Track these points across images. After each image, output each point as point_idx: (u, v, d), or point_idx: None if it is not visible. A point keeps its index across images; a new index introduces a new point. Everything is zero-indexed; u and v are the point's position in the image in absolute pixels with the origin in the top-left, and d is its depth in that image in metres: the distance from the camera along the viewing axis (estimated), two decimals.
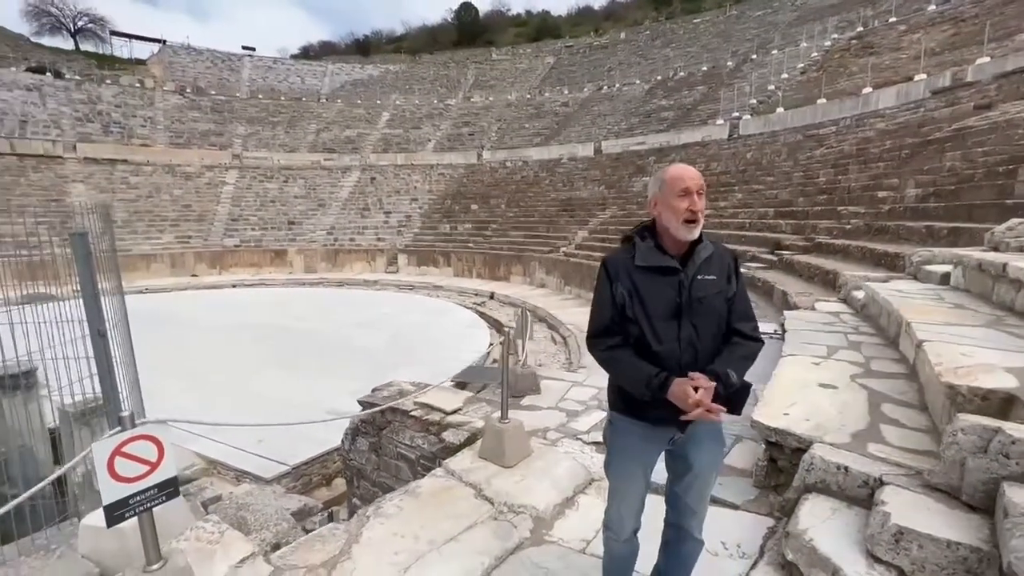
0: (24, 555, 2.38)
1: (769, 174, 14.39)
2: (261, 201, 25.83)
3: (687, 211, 1.43)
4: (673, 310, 1.46)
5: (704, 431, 1.57)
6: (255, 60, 42.94)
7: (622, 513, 1.62)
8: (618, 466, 1.62)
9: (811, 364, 3.15)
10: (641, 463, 1.59)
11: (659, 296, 1.47)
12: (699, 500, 1.62)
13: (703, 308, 1.47)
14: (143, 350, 10.88)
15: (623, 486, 1.62)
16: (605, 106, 30.21)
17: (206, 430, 6.29)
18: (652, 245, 1.51)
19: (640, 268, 1.49)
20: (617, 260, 1.53)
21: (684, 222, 1.44)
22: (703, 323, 1.48)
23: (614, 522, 1.64)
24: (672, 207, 1.45)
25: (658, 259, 1.48)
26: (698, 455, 1.58)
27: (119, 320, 2.80)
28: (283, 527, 2.51)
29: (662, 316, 1.46)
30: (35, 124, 25.62)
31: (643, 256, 1.49)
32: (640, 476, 1.60)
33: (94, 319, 1.99)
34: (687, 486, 1.61)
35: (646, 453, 1.59)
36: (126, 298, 14.18)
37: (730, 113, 21.06)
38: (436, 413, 3.76)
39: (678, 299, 1.46)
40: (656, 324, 1.46)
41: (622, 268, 1.51)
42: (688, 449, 1.58)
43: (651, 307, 1.46)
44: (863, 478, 1.91)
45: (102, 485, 1.58)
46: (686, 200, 1.43)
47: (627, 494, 1.62)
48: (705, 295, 1.47)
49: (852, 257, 7.27)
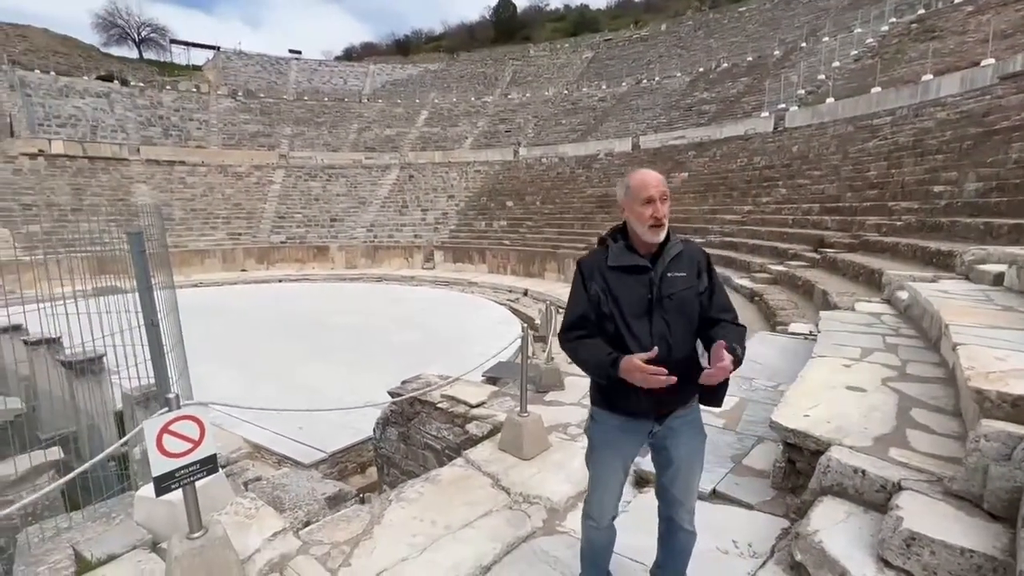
0: (89, 521, 2.65)
1: (816, 168, 13.77)
2: (305, 199, 26.87)
3: (651, 218, 1.51)
4: (645, 307, 1.53)
5: (683, 423, 1.62)
6: (301, 63, 44.55)
7: (603, 502, 1.68)
8: (598, 457, 1.69)
9: (841, 366, 3.06)
10: (620, 454, 1.65)
11: (631, 293, 1.54)
12: (685, 492, 1.66)
13: (673, 304, 1.54)
14: (197, 340, 11.55)
15: (603, 476, 1.68)
16: (644, 100, 29.62)
17: (252, 416, 6.70)
18: (623, 246, 1.58)
19: (612, 268, 1.56)
20: (591, 262, 1.62)
21: (649, 227, 1.51)
22: (674, 318, 1.54)
23: (594, 510, 1.70)
24: (637, 213, 1.53)
25: (629, 259, 1.56)
26: (677, 447, 1.63)
27: (170, 311, 3.06)
28: (314, 507, 2.68)
29: (635, 312, 1.53)
30: (104, 129, 27.59)
31: (615, 256, 1.57)
32: (619, 467, 1.66)
33: (148, 310, 2.19)
34: (671, 478, 1.66)
35: (624, 445, 1.65)
36: (181, 291, 15.12)
37: (776, 105, 20.24)
38: (461, 406, 3.88)
39: (649, 296, 1.53)
40: (629, 320, 1.53)
41: (596, 269, 1.59)
42: (668, 442, 1.64)
43: (624, 304, 1.54)
44: (881, 482, 1.87)
45: (151, 459, 1.77)
46: (650, 207, 1.50)
47: (607, 484, 1.68)
48: (675, 291, 1.54)
49: (901, 255, 6.90)
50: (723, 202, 15.33)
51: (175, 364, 2.99)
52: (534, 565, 2.02)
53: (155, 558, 2.09)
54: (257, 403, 5.24)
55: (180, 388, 3.04)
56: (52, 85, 28.41)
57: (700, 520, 2.20)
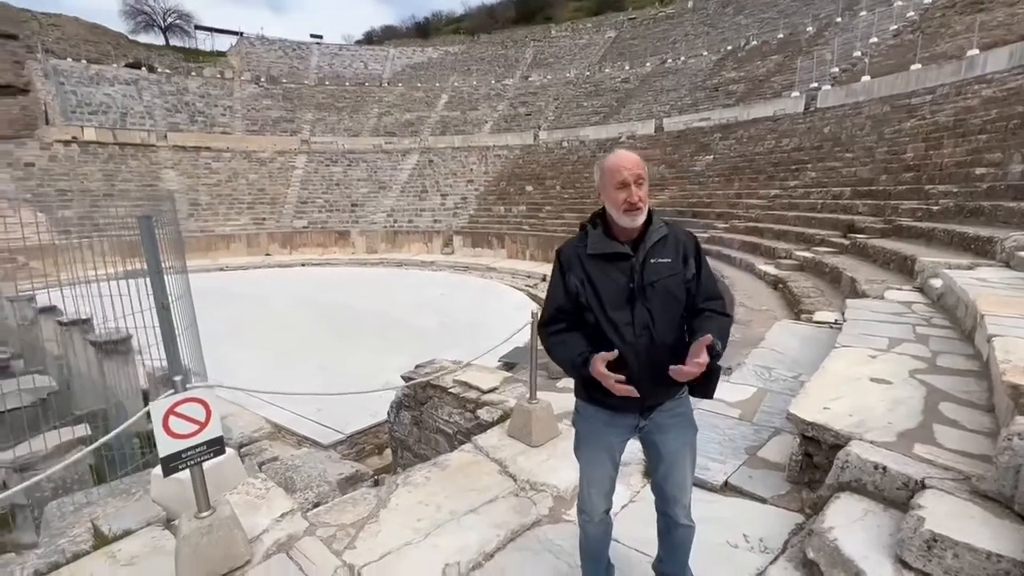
0: (111, 496, 2.75)
1: (848, 150, 13.20)
2: (327, 184, 27.13)
3: (625, 202, 1.43)
4: (626, 295, 1.46)
5: (670, 418, 1.56)
6: (322, 48, 44.59)
7: (592, 496, 1.64)
8: (584, 451, 1.65)
9: (866, 357, 2.93)
10: (606, 448, 1.60)
11: (611, 283, 1.47)
12: (678, 487, 1.60)
13: (656, 292, 1.46)
14: (222, 322, 11.83)
15: (590, 470, 1.64)
16: (668, 81, 28.79)
17: (273, 397, 6.86)
18: (602, 233, 1.51)
19: (592, 256, 1.49)
20: (570, 250, 1.54)
21: (624, 212, 1.44)
22: (658, 307, 1.46)
23: (586, 504, 1.66)
24: (611, 198, 1.45)
25: (608, 246, 1.48)
26: (666, 442, 1.57)
27: (183, 294, 3.10)
28: (324, 489, 2.72)
29: (616, 302, 1.46)
30: (133, 115, 28.24)
31: (594, 244, 1.50)
32: (606, 460, 1.61)
33: (158, 293, 2.22)
34: (664, 474, 1.61)
35: (610, 439, 1.60)
36: (208, 275, 15.46)
37: (807, 84, 19.41)
38: (473, 391, 3.87)
39: (630, 284, 1.45)
40: (610, 310, 1.46)
41: (574, 258, 1.52)
42: (655, 437, 1.58)
43: (604, 294, 1.47)
44: (903, 480, 1.78)
45: (158, 440, 1.79)
46: (624, 192, 1.42)
47: (595, 478, 1.63)
48: (658, 278, 1.46)
49: (937, 241, 6.58)
50: (749, 186, 14.87)
51: (188, 345, 3.04)
52: (538, 553, 2.00)
53: (168, 535, 2.14)
54: (277, 385, 5.36)
55: (194, 369, 3.10)
56: (83, 73, 29.13)
57: (710, 512, 2.15)
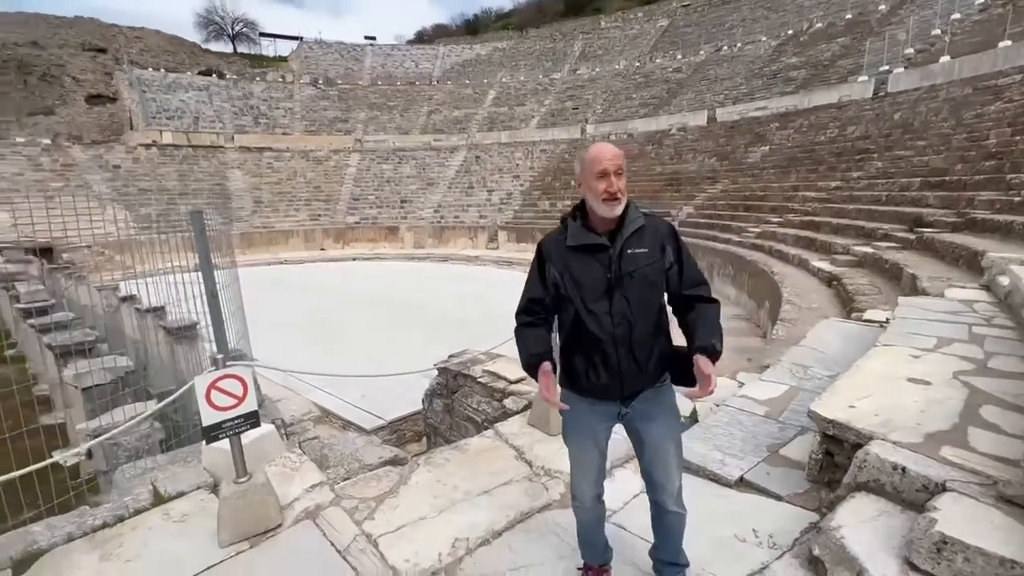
0: (170, 463, 3.06)
1: (921, 137, 12.21)
2: (378, 182, 28.10)
3: (604, 192, 1.46)
4: (605, 286, 1.49)
5: (653, 406, 1.58)
6: (375, 49, 46.06)
7: (580, 482, 1.68)
8: (571, 439, 1.69)
9: (908, 356, 2.77)
10: (590, 435, 1.64)
11: (589, 274, 1.50)
12: (665, 474, 1.61)
13: (634, 282, 1.49)
14: (279, 311, 12.54)
15: (578, 456, 1.68)
16: (723, 69, 27.61)
17: (322, 382, 7.28)
18: (580, 225, 1.54)
19: (571, 248, 1.53)
20: (550, 242, 1.58)
21: (603, 201, 1.47)
22: (636, 296, 1.49)
23: (576, 490, 1.71)
24: (591, 188, 1.49)
25: (585, 237, 1.52)
26: (648, 429, 1.60)
27: (231, 283, 3.38)
28: (354, 467, 2.90)
29: (594, 293, 1.50)
30: (204, 119, 30.40)
31: (573, 236, 1.53)
32: (592, 447, 1.64)
33: (208, 282, 2.45)
34: (649, 461, 1.63)
35: (593, 426, 1.63)
36: (269, 268, 16.47)
37: (877, 67, 18.06)
38: (501, 381, 3.97)
39: (608, 275, 1.49)
40: (588, 302, 1.50)
41: (555, 250, 1.56)
42: (638, 424, 1.61)
43: (583, 285, 1.51)
44: (923, 481, 1.71)
45: (202, 411, 2.00)
46: (603, 182, 1.46)
47: (582, 464, 1.67)
48: (635, 268, 1.49)
49: (1016, 236, 6.02)
50: (807, 178, 14.07)
51: (234, 329, 3.32)
52: (544, 535, 2.07)
53: (213, 498, 2.37)
54: (325, 370, 5.70)
55: (241, 349, 3.38)
56: (162, 81, 31.63)
57: (721, 507, 2.14)
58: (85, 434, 3.60)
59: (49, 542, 2.06)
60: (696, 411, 3.10)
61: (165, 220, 14.38)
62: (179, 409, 5.02)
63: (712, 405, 3.12)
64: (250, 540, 2.07)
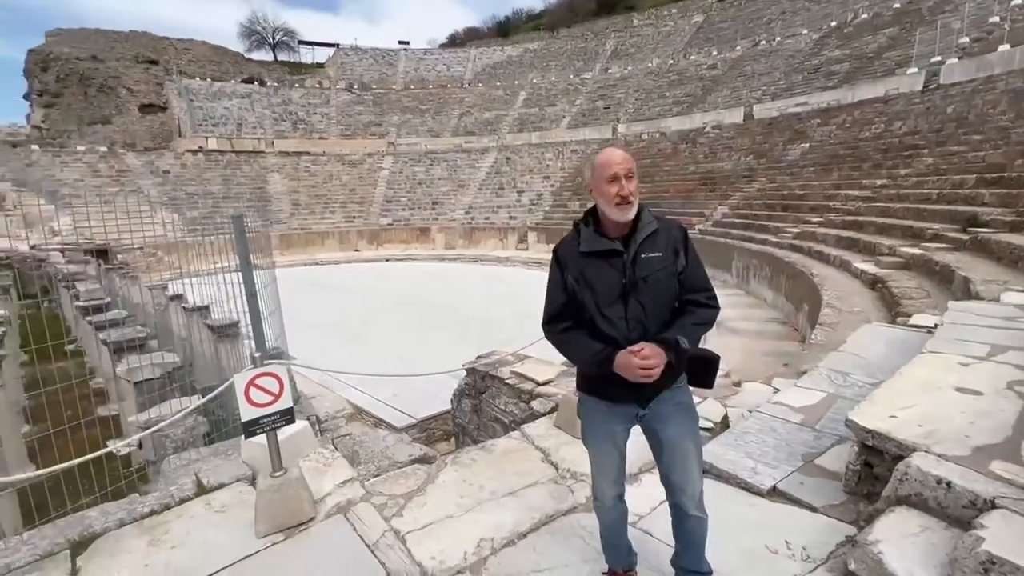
0: (213, 456, 3.22)
1: (977, 131, 11.52)
2: (410, 184, 28.59)
3: (616, 196, 1.46)
4: (619, 292, 1.49)
5: (669, 406, 1.57)
6: (408, 53, 46.88)
7: (601, 482, 1.70)
8: (590, 441, 1.70)
9: (956, 364, 2.63)
10: (609, 438, 1.64)
11: (604, 280, 1.50)
12: (684, 477, 1.59)
13: (648, 286, 1.49)
14: (315, 310, 12.91)
15: (598, 458, 1.70)
16: (760, 64, 26.79)
17: (355, 381, 7.47)
18: (593, 230, 1.54)
19: (585, 254, 1.53)
20: (566, 248, 1.59)
21: (615, 205, 1.47)
22: (650, 301, 1.49)
23: (597, 491, 1.71)
24: (602, 192, 1.49)
25: (599, 243, 1.52)
26: (665, 430, 1.59)
27: (269, 283, 3.52)
28: (384, 464, 2.97)
29: (609, 298, 1.50)
30: (246, 126, 31.67)
31: (586, 242, 1.54)
32: (611, 449, 1.65)
33: (248, 283, 2.56)
34: (667, 465, 1.62)
35: (612, 428, 1.64)
36: (306, 268, 17.05)
37: (928, 59, 17.14)
38: (529, 383, 3.99)
39: (623, 280, 1.49)
40: (603, 307, 1.50)
41: (570, 256, 1.56)
42: (656, 426, 1.60)
43: (598, 291, 1.51)
44: (969, 497, 1.62)
45: (241, 407, 2.10)
46: (615, 185, 1.46)
47: (603, 466, 1.68)
48: (650, 273, 1.49)
49: None
50: (850, 176, 13.49)
51: (271, 328, 3.45)
52: (569, 538, 2.07)
53: (251, 490, 2.48)
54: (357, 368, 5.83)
55: (278, 348, 3.52)
56: (208, 90, 33.13)
57: (752, 516, 2.09)
58: (137, 426, 3.82)
59: (103, 527, 2.21)
60: (727, 417, 3.03)
61: (211, 222, 15.07)
62: (223, 404, 5.26)
63: (744, 411, 3.05)
64: (285, 532, 2.15)
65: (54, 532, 2.15)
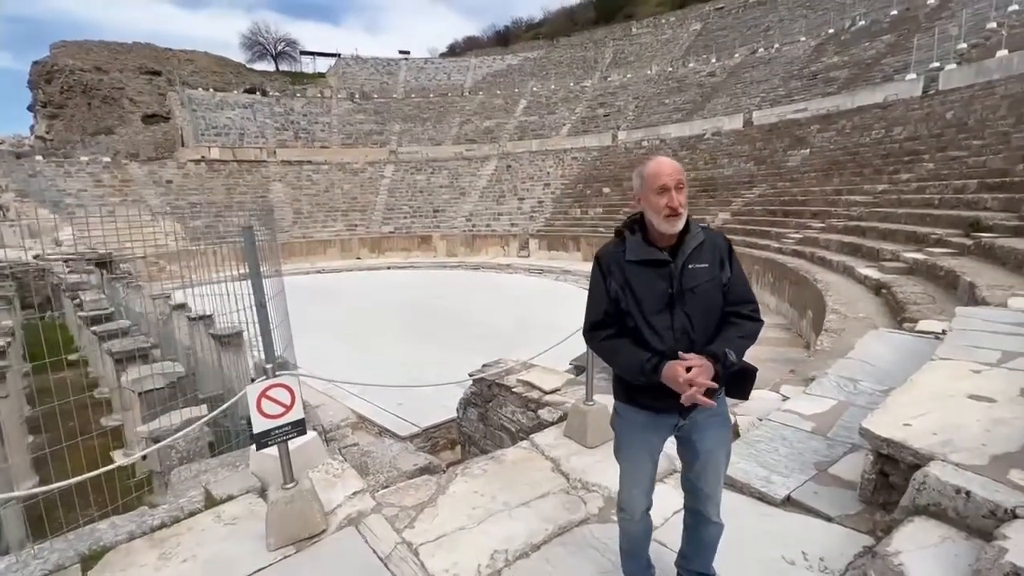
0: (221, 467, 3.20)
1: (976, 136, 11.57)
2: (412, 192, 28.69)
3: (666, 207, 1.44)
4: (666, 301, 1.48)
5: (707, 416, 1.56)
6: (409, 63, 47.22)
7: (633, 496, 1.67)
8: (625, 453, 1.68)
9: (968, 371, 2.62)
10: (647, 449, 1.62)
11: (651, 289, 1.48)
12: (713, 485, 1.59)
13: (695, 297, 1.47)
14: (318, 319, 12.88)
15: (632, 470, 1.67)
16: (759, 71, 26.96)
17: (359, 390, 7.45)
18: (640, 239, 1.52)
19: (631, 262, 1.51)
20: (609, 255, 1.56)
21: (665, 217, 1.45)
22: (696, 312, 1.48)
23: (626, 503, 1.69)
24: (652, 203, 1.46)
25: (647, 252, 1.50)
26: (702, 440, 1.58)
27: (277, 294, 3.52)
28: (393, 474, 2.96)
29: (655, 308, 1.48)
30: (248, 135, 31.84)
31: (633, 250, 1.51)
32: (647, 461, 1.63)
33: (258, 293, 2.56)
34: (699, 473, 1.61)
35: (650, 440, 1.62)
36: (308, 276, 17.05)
37: (926, 65, 17.26)
38: (536, 391, 3.97)
39: (670, 290, 1.47)
40: (649, 316, 1.48)
41: (614, 263, 1.54)
42: (693, 435, 1.58)
43: (644, 300, 1.49)
44: (990, 507, 1.61)
45: (253, 419, 2.09)
46: (664, 197, 1.43)
47: (636, 478, 1.66)
48: (697, 284, 1.47)
49: None
50: (851, 181, 13.52)
51: (281, 338, 3.45)
52: (583, 549, 2.05)
53: (261, 502, 2.47)
54: (362, 377, 5.82)
55: (287, 358, 3.51)
56: (210, 100, 33.34)
57: (767, 526, 2.08)
58: (144, 437, 3.80)
59: (113, 540, 2.19)
60: (737, 425, 3.01)
61: (213, 232, 15.12)
62: (228, 415, 5.25)
63: (754, 419, 3.03)
64: (296, 545, 2.14)
65: (64, 546, 2.14)
